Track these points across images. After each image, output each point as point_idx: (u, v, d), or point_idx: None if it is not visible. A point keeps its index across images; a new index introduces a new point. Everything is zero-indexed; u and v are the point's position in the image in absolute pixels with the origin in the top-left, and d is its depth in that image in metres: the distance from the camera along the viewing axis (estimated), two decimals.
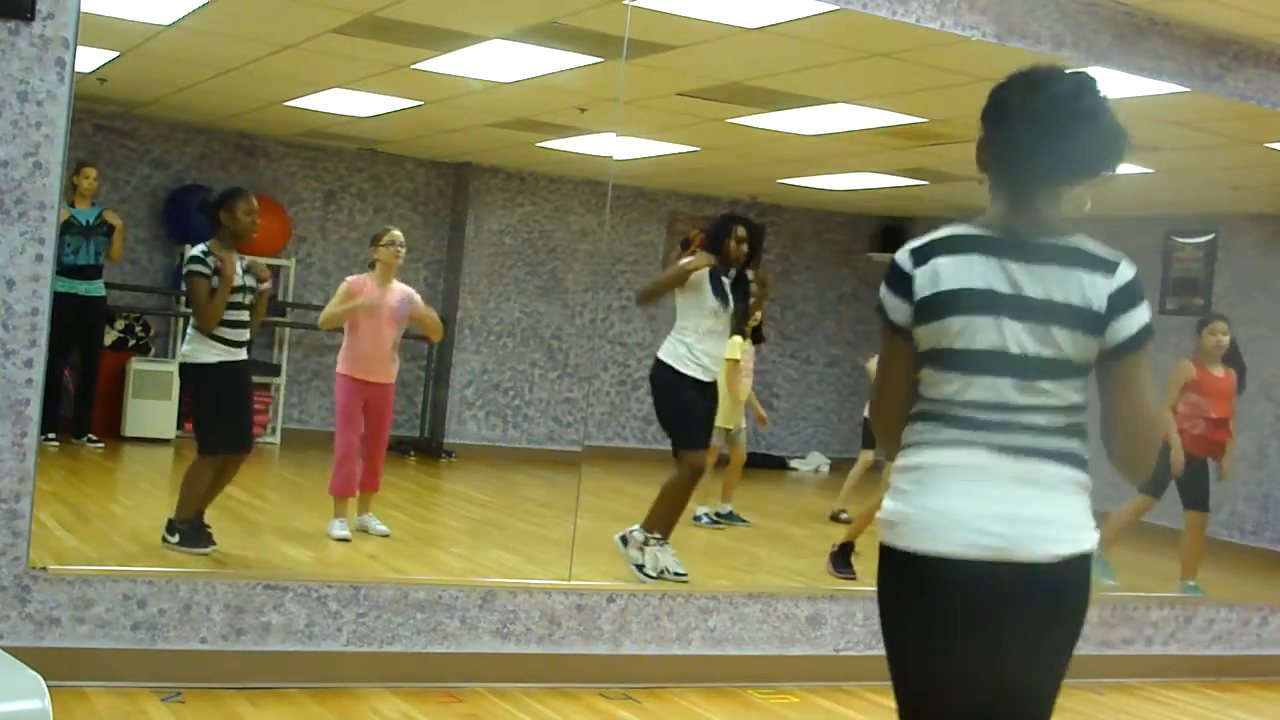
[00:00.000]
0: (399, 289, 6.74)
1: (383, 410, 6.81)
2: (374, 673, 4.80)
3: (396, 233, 6.80)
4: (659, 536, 5.98)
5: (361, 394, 6.65)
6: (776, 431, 11.86)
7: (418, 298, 6.86)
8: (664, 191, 11.39)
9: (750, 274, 6.32)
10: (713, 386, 6.20)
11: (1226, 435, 7.20)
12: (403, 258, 6.78)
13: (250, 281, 5.90)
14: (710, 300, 6.03)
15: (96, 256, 8.03)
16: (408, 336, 10.55)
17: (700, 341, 6.05)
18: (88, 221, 7.99)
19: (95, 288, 8.06)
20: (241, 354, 5.90)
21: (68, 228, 7.72)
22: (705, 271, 6.03)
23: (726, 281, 6.13)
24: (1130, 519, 7.14)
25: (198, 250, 5.80)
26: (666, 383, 6.10)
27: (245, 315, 5.89)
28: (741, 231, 6.19)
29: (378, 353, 6.65)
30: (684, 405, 6.06)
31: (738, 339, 8.02)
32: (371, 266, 6.75)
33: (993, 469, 2.42)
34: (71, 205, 7.92)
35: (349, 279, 6.79)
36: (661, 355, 6.13)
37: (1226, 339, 7.12)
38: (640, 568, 5.89)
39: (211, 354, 5.79)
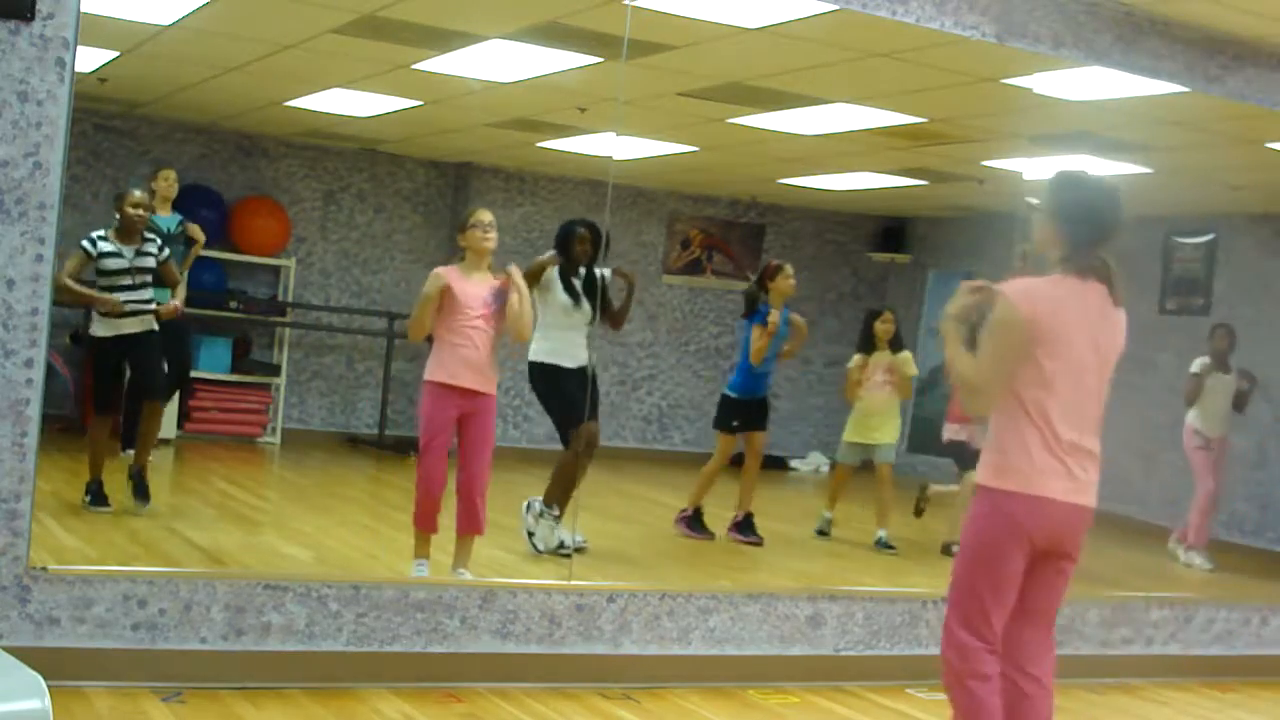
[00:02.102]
0: (490, 282, 5.78)
1: (482, 428, 5.71)
2: (374, 673, 4.80)
3: (485, 214, 5.84)
4: (555, 513, 6.55)
5: (453, 405, 5.64)
6: (776, 431, 11.84)
7: (513, 294, 5.83)
8: (664, 191, 11.39)
9: (605, 272, 6.82)
10: (583, 373, 6.71)
11: None
12: (494, 242, 5.78)
13: (140, 263, 6.54)
14: (562, 298, 6.67)
15: (177, 265, 7.96)
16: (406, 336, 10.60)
17: (564, 335, 6.70)
18: (169, 230, 7.89)
19: (166, 295, 7.95)
20: (130, 326, 6.51)
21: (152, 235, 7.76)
22: (556, 272, 6.65)
23: (576, 281, 6.71)
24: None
25: (95, 232, 6.50)
26: (547, 377, 6.74)
27: (135, 295, 6.52)
28: (583, 232, 6.77)
29: (473, 355, 5.64)
30: (566, 393, 6.67)
31: (858, 356, 8.11)
32: (461, 257, 5.83)
33: None
34: (153, 211, 7.88)
35: (437, 269, 5.79)
36: (535, 357, 6.75)
37: None
38: (531, 536, 6.56)
39: (101, 329, 6.51)
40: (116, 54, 7.43)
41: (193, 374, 9.40)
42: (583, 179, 10.77)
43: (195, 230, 8.04)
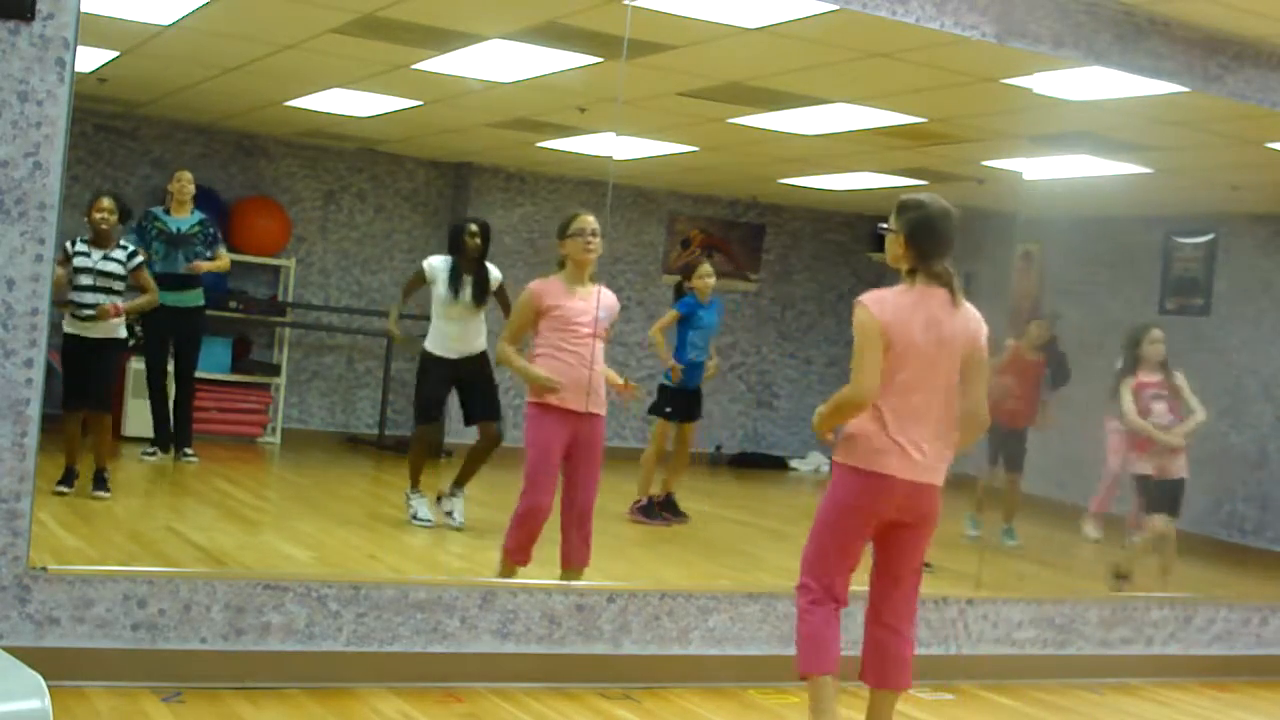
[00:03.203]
0: (604, 295, 5.48)
1: (592, 451, 5.43)
2: (374, 673, 4.80)
3: (587, 219, 5.44)
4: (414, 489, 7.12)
5: (564, 429, 5.37)
6: (776, 431, 11.86)
7: (615, 309, 5.64)
8: (664, 191, 11.38)
9: (495, 272, 7.13)
10: (464, 363, 7.06)
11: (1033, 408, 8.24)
12: (598, 251, 5.44)
13: (104, 266, 6.67)
14: (442, 290, 6.99)
15: (188, 266, 7.89)
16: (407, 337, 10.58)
17: (440, 325, 7.04)
18: (179, 229, 7.91)
19: (188, 298, 7.92)
20: (93, 331, 6.63)
21: (159, 235, 7.76)
22: (446, 268, 6.98)
23: (467, 276, 6.99)
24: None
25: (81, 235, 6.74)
26: (421, 362, 7.15)
27: (94, 298, 6.61)
28: (474, 228, 7.10)
29: (583, 375, 5.39)
30: (429, 379, 7.12)
31: None
32: (560, 266, 5.48)
33: None
34: (167, 212, 7.90)
35: (531, 285, 5.46)
36: (425, 344, 7.15)
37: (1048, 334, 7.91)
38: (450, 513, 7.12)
39: (68, 326, 6.65)
40: (116, 54, 7.43)
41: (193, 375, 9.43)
42: (583, 179, 10.77)
43: (222, 256, 8.08)
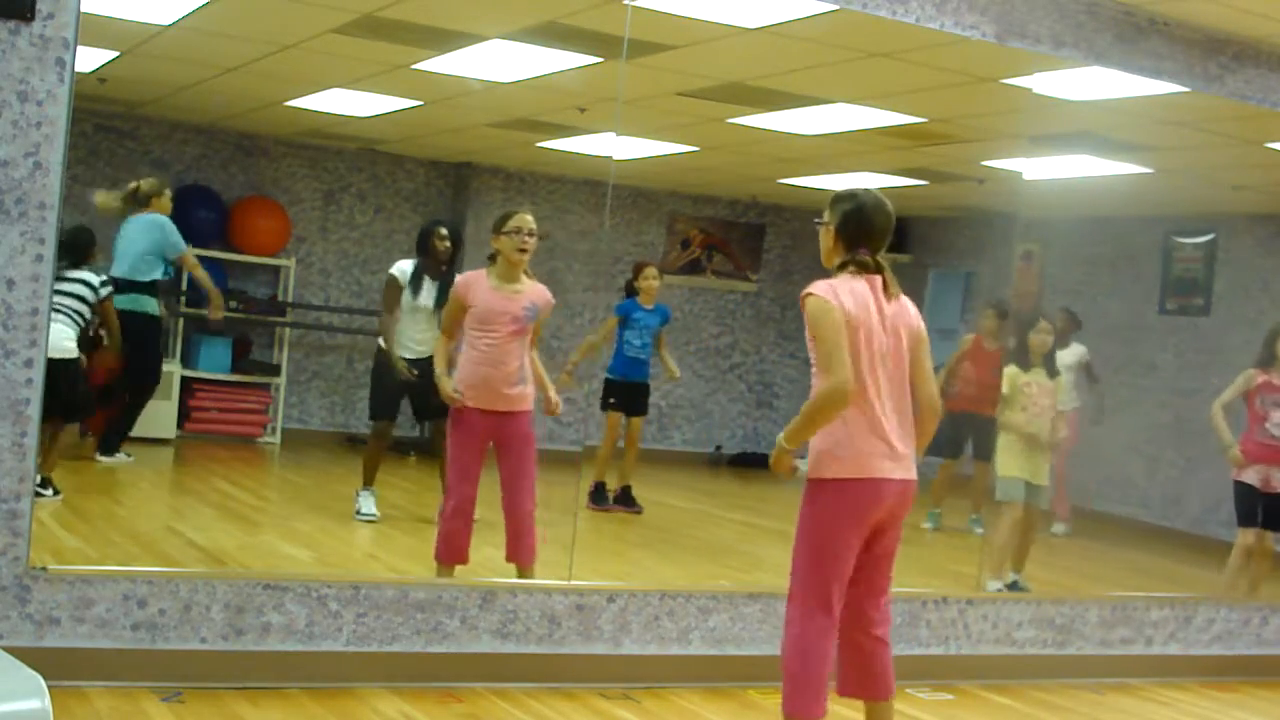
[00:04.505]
0: (527, 292, 5.46)
1: (516, 450, 5.47)
2: (374, 673, 4.80)
3: (524, 218, 5.44)
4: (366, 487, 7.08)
5: (480, 428, 5.42)
6: (776, 431, 11.83)
7: (547, 304, 5.60)
8: (664, 191, 11.38)
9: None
10: (421, 365, 6.56)
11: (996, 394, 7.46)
12: (531, 250, 5.43)
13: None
14: (408, 297, 6.91)
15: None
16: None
17: (404, 327, 6.94)
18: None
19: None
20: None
21: None
22: (410, 272, 6.92)
23: (431, 280, 6.90)
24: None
25: None
26: (379, 361, 7.17)
27: None
28: (443, 231, 7.07)
29: (493, 374, 5.41)
30: (379, 376, 7.15)
31: (1012, 369, 6.81)
32: (491, 260, 5.49)
33: None
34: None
35: (459, 277, 5.59)
36: (381, 340, 7.16)
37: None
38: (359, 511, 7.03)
39: None
40: (116, 54, 7.43)
41: (191, 374, 9.43)
42: (583, 179, 10.77)
43: None
